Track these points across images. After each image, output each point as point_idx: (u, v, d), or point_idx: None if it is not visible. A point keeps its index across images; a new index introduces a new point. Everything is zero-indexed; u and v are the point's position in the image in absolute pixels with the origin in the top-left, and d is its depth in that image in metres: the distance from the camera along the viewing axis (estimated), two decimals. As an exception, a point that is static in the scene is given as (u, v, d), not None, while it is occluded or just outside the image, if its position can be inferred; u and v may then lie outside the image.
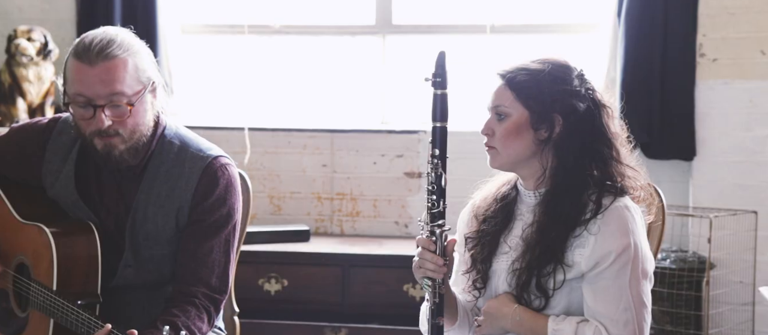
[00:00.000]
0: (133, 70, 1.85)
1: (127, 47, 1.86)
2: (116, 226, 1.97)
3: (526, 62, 1.87)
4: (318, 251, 3.35)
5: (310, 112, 3.86)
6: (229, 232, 1.98)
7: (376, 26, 3.83)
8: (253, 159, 3.67)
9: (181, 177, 1.94)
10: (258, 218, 3.69)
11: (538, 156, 1.85)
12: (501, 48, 3.66)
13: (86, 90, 1.83)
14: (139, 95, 1.86)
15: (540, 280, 1.80)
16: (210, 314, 1.93)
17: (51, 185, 2.00)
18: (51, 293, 1.86)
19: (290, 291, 3.28)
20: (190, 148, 1.98)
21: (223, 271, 1.96)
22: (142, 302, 1.97)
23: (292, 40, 3.87)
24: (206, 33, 3.89)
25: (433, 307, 1.81)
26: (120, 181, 1.97)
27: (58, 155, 1.99)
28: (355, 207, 3.67)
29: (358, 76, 3.88)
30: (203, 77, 3.91)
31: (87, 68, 1.83)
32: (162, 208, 1.94)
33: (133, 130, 1.88)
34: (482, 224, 1.92)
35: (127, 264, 1.96)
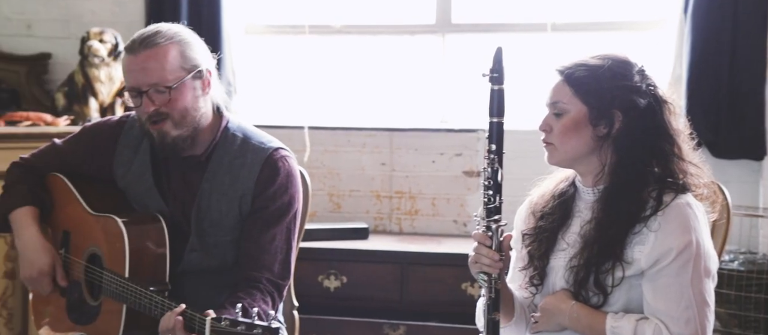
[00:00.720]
0: (174, 57, 1.94)
1: (171, 36, 1.97)
2: (183, 213, 2.05)
3: (585, 58, 1.86)
4: (376, 248, 3.36)
5: (369, 111, 3.87)
6: (290, 220, 2.05)
7: (436, 25, 3.83)
8: (313, 157, 3.71)
9: (244, 167, 2.03)
10: (318, 215, 3.73)
11: (597, 153, 1.83)
12: (562, 46, 3.62)
13: (132, 79, 1.96)
14: (180, 81, 1.94)
15: (598, 277, 1.78)
16: (274, 299, 1.99)
17: (122, 176, 2.11)
18: (124, 279, 1.93)
19: (349, 287, 3.30)
20: (252, 140, 2.07)
21: (285, 258, 2.03)
22: (207, 287, 2.03)
23: (353, 39, 3.90)
24: (269, 34, 3.95)
25: (489, 302, 1.81)
26: (185, 171, 2.06)
27: (129, 148, 2.11)
28: (414, 206, 3.68)
29: (418, 75, 3.88)
30: (265, 77, 3.96)
31: (132, 58, 1.95)
32: (225, 196, 2.02)
33: (182, 114, 1.96)
34: (539, 220, 1.91)
35: (192, 249, 2.04)
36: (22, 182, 2.16)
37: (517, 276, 1.95)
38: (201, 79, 2.00)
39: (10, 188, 2.18)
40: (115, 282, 1.96)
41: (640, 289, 1.77)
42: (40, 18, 3.90)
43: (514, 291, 1.93)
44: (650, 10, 3.66)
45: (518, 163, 2.80)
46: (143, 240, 1.97)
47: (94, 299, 2.07)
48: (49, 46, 3.86)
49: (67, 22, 3.86)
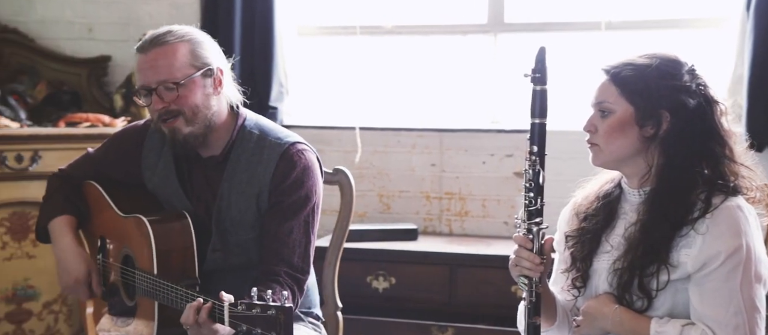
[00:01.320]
0: (184, 55, 1.96)
1: (181, 35, 1.99)
2: (206, 212, 2.08)
3: (632, 57, 1.82)
4: (425, 250, 3.34)
5: (419, 111, 3.86)
6: (308, 213, 2.04)
7: (488, 25, 3.80)
8: (363, 158, 3.72)
9: (260, 163, 2.04)
10: (368, 216, 3.73)
11: (644, 154, 1.79)
12: (616, 46, 3.55)
13: (142, 77, 1.99)
14: (189, 77, 1.96)
15: (643, 280, 1.74)
16: (293, 292, 1.99)
17: (149, 179, 2.14)
18: (153, 276, 1.97)
19: (398, 289, 3.29)
20: (268, 136, 2.07)
21: (304, 251, 2.03)
22: (234, 285, 2.03)
23: (404, 40, 3.89)
24: (321, 35, 3.97)
25: (530, 306, 1.78)
26: (206, 170, 2.09)
27: (153, 151, 2.14)
28: (464, 207, 3.65)
29: (469, 75, 3.85)
30: (317, 78, 3.99)
31: (142, 57, 1.98)
32: (243, 194, 2.03)
33: (192, 111, 1.98)
34: (583, 222, 1.88)
35: (215, 249, 2.06)
36: (59, 193, 2.22)
37: (559, 279, 1.92)
38: (212, 78, 2.01)
39: (48, 199, 2.23)
40: (147, 280, 1.99)
41: (687, 294, 1.73)
42: (101, 21, 3.99)
43: (556, 294, 1.90)
44: (711, 7, 3.56)
45: (572, 164, 2.75)
46: (169, 237, 2.00)
47: (131, 299, 2.11)
48: (109, 49, 3.95)
49: (126, 25, 3.94)
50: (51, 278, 3.37)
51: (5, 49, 3.87)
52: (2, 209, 3.29)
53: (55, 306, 3.40)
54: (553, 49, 3.91)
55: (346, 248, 3.31)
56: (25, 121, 3.51)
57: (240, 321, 1.69)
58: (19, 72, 3.87)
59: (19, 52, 3.89)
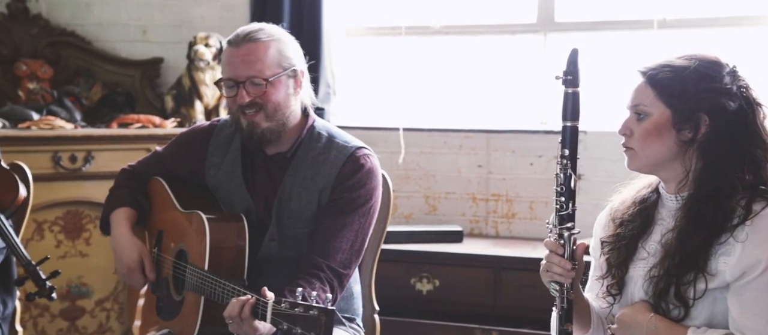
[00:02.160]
0: (274, 54, 2.04)
1: (272, 35, 2.07)
2: (265, 208, 2.13)
3: (671, 59, 1.77)
4: (470, 252, 3.32)
5: (467, 112, 3.83)
6: (365, 214, 2.09)
7: (538, 24, 3.75)
8: (409, 159, 3.71)
9: (326, 162, 2.10)
10: (413, 217, 3.72)
11: (681, 158, 1.74)
12: (670, 45, 3.46)
13: (232, 70, 2.05)
14: (277, 76, 2.03)
15: (679, 289, 1.69)
16: (333, 288, 2.02)
17: (213, 176, 2.21)
18: (203, 271, 2.01)
19: (441, 291, 3.27)
20: (336, 139, 2.15)
21: (350, 250, 2.06)
22: (284, 276, 2.06)
23: (451, 40, 3.87)
24: (368, 35, 3.97)
25: (561, 313, 1.75)
26: (270, 167, 2.15)
27: (219, 149, 2.21)
28: (511, 209, 3.61)
29: (517, 75, 3.81)
30: (363, 79, 3.99)
31: (234, 50, 2.05)
32: (306, 189, 2.09)
33: (274, 108, 2.05)
34: (619, 227, 1.84)
35: (271, 238, 2.11)
36: (124, 186, 2.31)
37: (594, 285, 1.88)
38: (294, 79, 2.09)
39: (113, 191, 2.32)
40: (197, 274, 2.04)
41: (725, 303, 1.67)
42: (155, 23, 4.07)
43: (591, 301, 1.86)
44: (769, 4, 3.45)
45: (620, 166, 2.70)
46: (224, 236, 2.05)
47: (179, 294, 2.15)
48: (161, 51, 4.03)
49: (179, 28, 4.01)
50: (103, 276, 3.46)
51: (63, 52, 3.98)
52: (57, 209, 3.38)
53: (107, 303, 3.48)
54: (604, 48, 3.86)
55: (389, 250, 3.34)
56: (80, 122, 3.60)
57: (281, 319, 1.71)
58: (77, 74, 3.98)
59: (76, 55, 4.00)
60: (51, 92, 3.73)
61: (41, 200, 3.33)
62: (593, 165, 3.52)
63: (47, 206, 3.36)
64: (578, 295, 1.80)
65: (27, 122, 3.43)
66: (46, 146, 3.33)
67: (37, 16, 3.99)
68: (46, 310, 3.41)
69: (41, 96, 3.74)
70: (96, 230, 3.43)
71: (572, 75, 1.78)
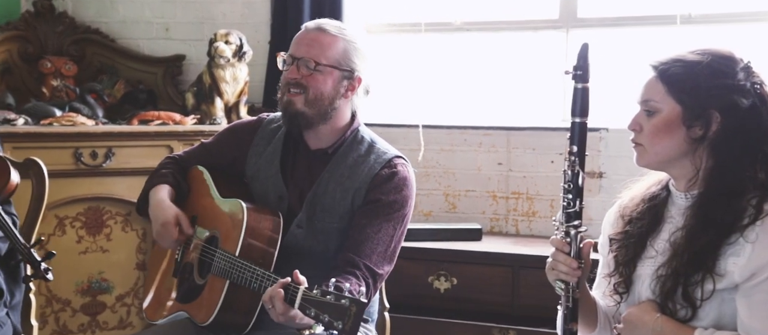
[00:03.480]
0: (336, 50, 2.11)
1: (345, 35, 2.14)
2: (299, 199, 2.17)
3: (683, 53, 1.73)
4: (488, 250, 3.28)
5: (487, 109, 3.80)
6: (399, 219, 2.11)
7: (560, 20, 3.70)
8: (429, 157, 3.68)
9: (365, 164, 2.14)
10: (433, 215, 3.70)
11: (691, 156, 1.70)
12: (694, 41, 3.39)
13: (295, 48, 2.14)
14: (330, 68, 2.10)
15: (687, 289, 1.65)
16: (368, 286, 2.02)
17: (253, 164, 2.26)
18: (234, 256, 2.03)
19: (459, 289, 3.25)
20: (377, 146, 2.20)
21: (385, 251, 2.08)
22: (310, 267, 2.05)
23: (472, 36, 3.84)
24: (388, 32, 3.95)
25: (567, 312, 1.72)
26: (312, 161, 2.19)
27: (264, 140, 2.27)
28: (531, 207, 3.57)
29: (539, 72, 3.76)
30: (384, 76, 3.97)
31: (304, 32, 2.15)
32: (341, 185, 2.13)
33: (316, 96, 2.10)
34: (628, 225, 1.80)
35: (299, 225, 2.13)
36: (166, 168, 2.37)
37: (602, 283, 1.85)
38: (350, 81, 2.13)
39: (155, 172, 2.38)
40: (226, 258, 2.06)
41: (734, 304, 1.63)
42: (177, 21, 4.09)
43: (598, 300, 1.83)
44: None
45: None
46: (259, 225, 2.08)
47: (202, 278, 2.16)
48: (183, 48, 4.05)
49: (201, 25, 4.03)
50: (124, 271, 3.49)
51: (88, 49, 4.03)
52: (78, 205, 3.41)
53: (127, 299, 3.51)
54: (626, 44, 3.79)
55: (407, 248, 3.30)
56: (101, 119, 3.63)
57: (311, 306, 1.72)
58: (100, 71, 4.02)
59: (100, 52, 4.04)
60: (73, 89, 3.78)
61: (62, 196, 3.37)
62: (614, 163, 3.47)
63: (68, 202, 3.40)
64: (585, 294, 1.77)
65: (49, 118, 3.47)
66: (67, 143, 3.36)
67: (63, 13, 4.04)
68: (68, 305, 3.45)
69: (65, 93, 3.78)
70: (117, 225, 3.46)
71: (582, 70, 1.75)
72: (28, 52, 3.91)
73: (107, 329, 3.51)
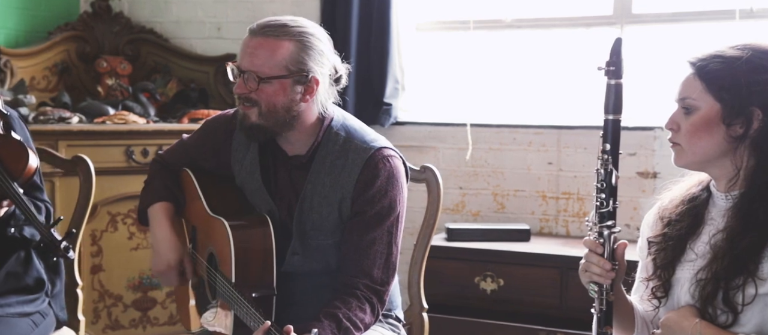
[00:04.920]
0: (283, 54, 1.90)
1: (294, 34, 1.92)
2: (288, 214, 2.04)
3: (722, 49, 1.66)
4: (536, 251, 3.22)
5: (537, 108, 3.72)
6: (392, 224, 1.98)
7: (614, 16, 3.60)
8: (478, 155, 3.63)
9: (344, 168, 1.98)
10: (481, 215, 3.65)
11: (731, 155, 1.62)
12: (753, 36, 3.25)
13: (239, 57, 1.96)
14: (275, 79, 1.90)
15: (727, 293, 1.58)
16: (372, 305, 1.94)
17: (238, 173, 2.12)
18: (230, 285, 1.96)
19: (506, 290, 3.19)
20: (354, 140, 2.01)
21: (385, 263, 1.97)
22: (309, 289, 2.02)
23: (522, 34, 3.77)
24: (438, 30, 3.91)
25: (600, 315, 1.66)
26: (291, 171, 2.05)
27: (242, 144, 2.10)
28: (582, 207, 3.49)
29: (592, 70, 3.66)
30: (433, 74, 3.94)
31: (248, 39, 1.96)
32: (326, 198, 1.99)
33: (268, 108, 1.92)
34: (667, 227, 1.73)
35: (294, 252, 2.03)
36: (159, 178, 2.23)
37: (640, 287, 1.78)
38: (305, 85, 1.94)
39: (149, 183, 2.26)
40: (225, 286, 1.99)
41: (778, 310, 1.55)
42: (229, 20, 4.14)
43: (636, 304, 1.77)
44: None
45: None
46: (249, 244, 1.96)
47: (213, 298, 2.12)
48: (235, 47, 4.05)
49: (251, 24, 4.05)
50: (174, 267, 3.54)
51: (143, 48, 4.10)
52: (129, 202, 3.47)
53: (175, 296, 3.55)
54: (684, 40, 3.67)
55: (454, 248, 3.29)
56: (153, 117, 3.69)
57: None
58: (154, 70, 4.09)
59: (154, 52, 4.11)
60: (127, 88, 3.85)
61: (115, 193, 3.44)
62: (668, 163, 3.32)
63: (120, 199, 3.46)
64: (620, 297, 1.71)
65: (102, 116, 3.54)
66: (119, 141, 3.43)
67: (119, 14, 4.12)
68: (120, 300, 3.51)
69: (119, 92, 3.86)
70: (167, 222, 3.51)
71: (615, 66, 1.69)
72: (85, 52, 4.00)
73: (157, 325, 3.56)
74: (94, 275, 3.46)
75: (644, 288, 1.74)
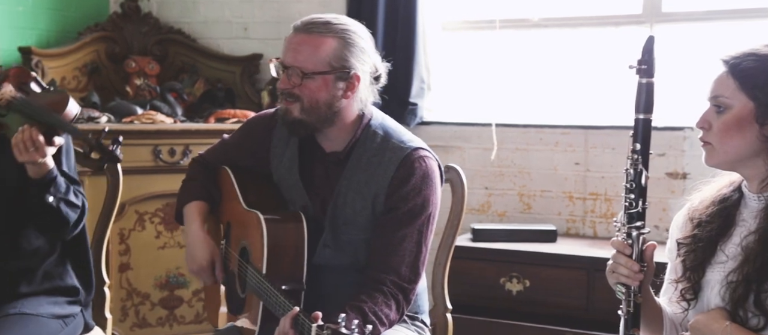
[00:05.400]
0: (326, 51, 1.95)
1: (337, 31, 1.97)
2: (322, 209, 2.07)
3: (756, 47, 1.63)
4: (563, 252, 3.19)
5: (564, 108, 3.69)
6: (423, 223, 1.98)
7: (643, 15, 3.56)
8: (503, 156, 3.61)
9: (380, 165, 2.00)
10: (507, 216, 3.62)
11: (764, 155, 1.60)
12: (787, 34, 3.21)
13: (283, 54, 2.01)
14: (319, 75, 1.95)
15: (759, 296, 1.55)
16: (398, 302, 1.94)
17: (276, 168, 2.16)
18: (261, 276, 1.98)
19: (532, 292, 3.16)
20: (392, 139, 2.04)
21: (413, 261, 1.97)
22: (343, 282, 2.02)
23: (550, 33, 3.74)
24: (464, 29, 3.90)
25: (627, 317, 1.64)
26: (328, 166, 2.08)
27: (281, 141, 2.15)
28: (610, 208, 3.45)
29: (621, 69, 3.62)
30: (459, 74, 3.92)
31: (292, 35, 2.00)
32: (360, 194, 2.01)
33: (311, 104, 1.97)
34: (696, 228, 1.70)
35: (325, 244, 2.05)
36: (196, 178, 2.28)
37: (669, 289, 1.75)
38: (347, 81, 1.98)
39: (186, 183, 2.31)
40: (256, 277, 2.01)
41: (812, 314, 1.52)
42: (255, 20, 4.15)
43: (664, 306, 1.74)
44: None
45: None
46: (282, 238, 1.99)
47: (242, 292, 2.14)
48: (261, 47, 4.10)
49: (278, 24, 4.07)
50: (200, 266, 3.56)
51: (171, 48, 4.13)
52: (157, 201, 3.50)
53: (203, 294, 3.57)
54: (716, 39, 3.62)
55: (479, 248, 3.27)
56: (180, 117, 3.71)
57: None
58: (182, 71, 4.11)
59: (182, 52, 4.14)
60: (155, 88, 3.87)
61: (142, 192, 3.46)
62: (699, 163, 3.27)
63: (148, 198, 3.49)
64: (648, 298, 1.69)
65: (130, 116, 3.57)
66: (147, 140, 3.45)
67: (148, 14, 4.15)
68: (147, 299, 3.54)
69: (148, 92, 3.89)
70: (193, 222, 3.53)
71: (647, 64, 1.67)
72: (114, 52, 4.03)
73: (184, 323, 3.58)
74: (122, 273, 3.49)
75: (673, 290, 1.72)
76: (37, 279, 2.25)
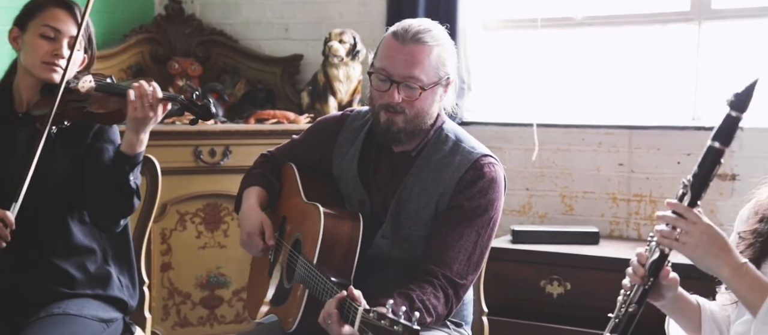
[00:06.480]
0: (435, 61, 1.97)
1: (437, 39, 2.00)
2: (382, 204, 2.09)
3: None
4: (604, 255, 3.13)
5: (607, 108, 3.62)
6: (484, 225, 2.00)
7: (691, 12, 3.48)
8: (545, 157, 3.55)
9: (450, 166, 2.03)
10: (548, 217, 3.56)
11: None
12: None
13: (390, 65, 1.98)
14: (433, 85, 1.98)
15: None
16: (448, 296, 1.94)
17: (337, 165, 2.19)
18: (312, 265, 1.99)
19: (573, 295, 3.11)
20: (463, 144, 2.07)
21: (468, 259, 1.98)
22: (394, 277, 2.01)
23: (593, 31, 3.67)
24: (505, 28, 3.85)
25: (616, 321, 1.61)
26: (394, 165, 2.10)
27: (347, 139, 2.18)
28: (655, 210, 3.36)
29: (667, 68, 3.55)
30: (500, 74, 3.87)
31: (398, 46, 1.97)
32: (426, 190, 2.03)
33: (417, 114, 2.00)
34: (760, 222, 1.67)
35: (383, 235, 2.06)
36: (259, 168, 2.34)
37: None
38: (445, 87, 2.03)
39: (249, 173, 2.37)
40: (305, 266, 2.02)
41: None
42: (296, 21, 4.16)
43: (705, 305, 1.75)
44: None
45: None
46: (337, 233, 2.02)
47: (288, 282, 2.15)
48: (301, 48, 4.11)
49: (318, 25, 4.07)
50: (240, 267, 3.57)
51: (213, 50, 4.16)
52: (197, 201, 3.53)
53: (243, 294, 3.59)
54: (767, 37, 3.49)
55: (519, 250, 3.23)
56: (220, 118, 3.73)
57: (367, 329, 1.67)
58: (223, 71, 4.14)
59: (224, 53, 4.17)
60: (196, 89, 3.90)
61: (183, 192, 3.49)
62: (749, 164, 3.23)
63: (189, 199, 3.52)
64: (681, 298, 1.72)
65: (172, 117, 3.60)
66: (187, 141, 3.48)
67: (191, 16, 4.19)
68: (188, 298, 3.57)
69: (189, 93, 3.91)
70: (234, 222, 3.55)
71: (742, 101, 1.62)
72: (158, 53, 4.08)
73: (224, 322, 3.60)
74: (163, 273, 3.53)
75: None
76: (83, 282, 2.28)
